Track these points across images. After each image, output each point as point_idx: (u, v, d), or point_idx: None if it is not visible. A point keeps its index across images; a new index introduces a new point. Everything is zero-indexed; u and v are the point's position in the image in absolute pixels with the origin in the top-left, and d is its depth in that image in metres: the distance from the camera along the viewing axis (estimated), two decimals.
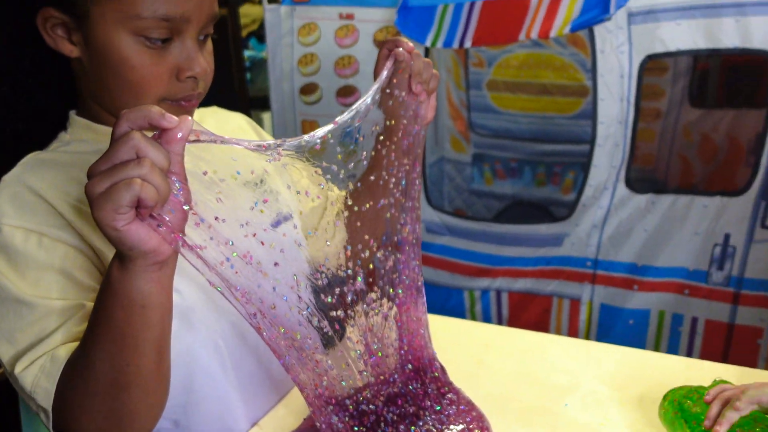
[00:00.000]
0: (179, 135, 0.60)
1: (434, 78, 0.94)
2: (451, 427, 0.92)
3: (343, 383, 0.87)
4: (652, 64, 1.80)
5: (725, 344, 1.86)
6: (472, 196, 3.08)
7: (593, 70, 1.82)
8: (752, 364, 1.82)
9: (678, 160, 2.59)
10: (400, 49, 0.87)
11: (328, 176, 1.09)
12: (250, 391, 0.97)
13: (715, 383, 0.89)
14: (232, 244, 0.71)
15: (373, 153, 1.02)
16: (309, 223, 1.11)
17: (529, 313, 2.12)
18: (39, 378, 0.72)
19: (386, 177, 0.93)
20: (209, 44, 0.86)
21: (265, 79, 3.25)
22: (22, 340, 0.74)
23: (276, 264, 0.81)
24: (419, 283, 0.95)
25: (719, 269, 1.83)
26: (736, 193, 1.76)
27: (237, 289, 0.72)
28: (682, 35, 1.68)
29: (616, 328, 2.00)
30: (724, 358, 1.88)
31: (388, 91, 0.91)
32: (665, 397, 0.91)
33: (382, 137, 0.97)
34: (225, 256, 0.70)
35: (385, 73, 0.89)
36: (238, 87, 2.82)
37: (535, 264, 2.08)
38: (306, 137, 0.73)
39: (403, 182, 0.95)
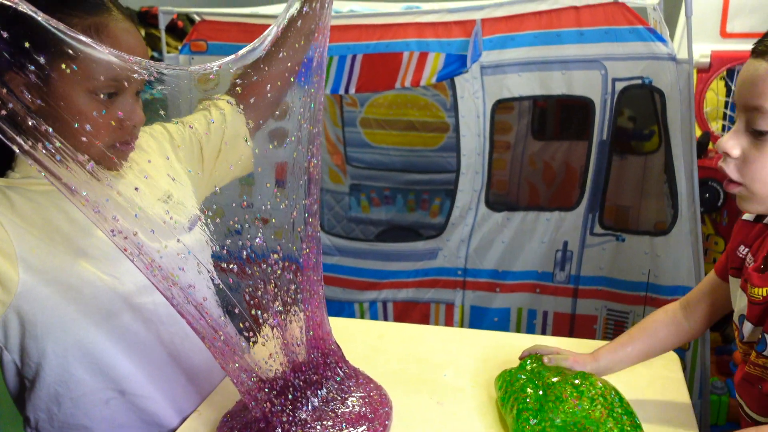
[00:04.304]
0: None
1: None
2: (354, 394, 1.02)
3: (243, 344, 0.90)
4: (501, 105, 2.19)
5: (570, 331, 2.25)
6: (351, 223, 3.37)
7: (455, 112, 2.19)
8: None
9: (526, 184, 3.04)
10: None
11: (222, 110, 1.15)
12: (189, 371, 1.10)
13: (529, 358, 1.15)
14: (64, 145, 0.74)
15: (279, 83, 1.05)
16: (198, 165, 1.14)
17: (411, 319, 2.42)
18: None
19: (293, 106, 0.97)
20: (140, 99, 0.97)
21: (152, 118, 3.41)
22: None
23: (136, 189, 0.85)
24: (318, 234, 0.97)
25: (561, 270, 2.21)
26: (570, 208, 2.17)
27: (82, 194, 0.74)
28: (523, 84, 2.08)
29: (484, 325, 2.33)
30: None
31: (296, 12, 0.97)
32: (497, 378, 1.13)
33: (289, 63, 1.02)
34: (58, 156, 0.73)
35: None
36: None
37: (414, 276, 2.40)
38: (198, 66, 0.78)
39: (312, 105, 0.95)
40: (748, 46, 0.86)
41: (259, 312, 0.90)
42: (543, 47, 2.02)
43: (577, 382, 1.04)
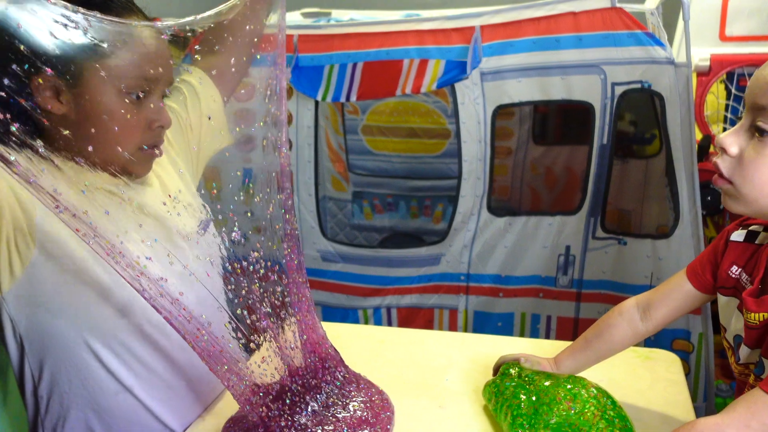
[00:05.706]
0: None
1: None
2: (355, 398, 1.01)
3: (230, 345, 0.87)
4: (502, 111, 2.20)
5: (573, 335, 2.25)
6: (354, 230, 3.38)
7: (456, 118, 2.20)
8: None
9: (527, 189, 3.04)
10: None
11: (193, 86, 1.11)
12: (192, 379, 1.09)
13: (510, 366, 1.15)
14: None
15: (244, 59, 1.04)
16: (189, 152, 1.13)
17: (415, 325, 2.43)
18: None
19: (259, 88, 0.95)
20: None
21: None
22: None
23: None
24: (296, 233, 0.94)
25: (564, 274, 2.22)
26: (572, 213, 2.18)
27: (61, 202, 0.72)
28: (523, 90, 2.09)
29: (488, 330, 2.34)
30: None
31: None
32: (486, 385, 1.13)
33: (256, 39, 1.01)
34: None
35: None
36: None
37: (418, 281, 2.41)
38: (158, 23, 0.77)
39: (278, 89, 0.94)
40: (747, 49, 0.87)
41: (245, 312, 0.88)
42: (542, 53, 2.03)
43: (569, 386, 1.05)
